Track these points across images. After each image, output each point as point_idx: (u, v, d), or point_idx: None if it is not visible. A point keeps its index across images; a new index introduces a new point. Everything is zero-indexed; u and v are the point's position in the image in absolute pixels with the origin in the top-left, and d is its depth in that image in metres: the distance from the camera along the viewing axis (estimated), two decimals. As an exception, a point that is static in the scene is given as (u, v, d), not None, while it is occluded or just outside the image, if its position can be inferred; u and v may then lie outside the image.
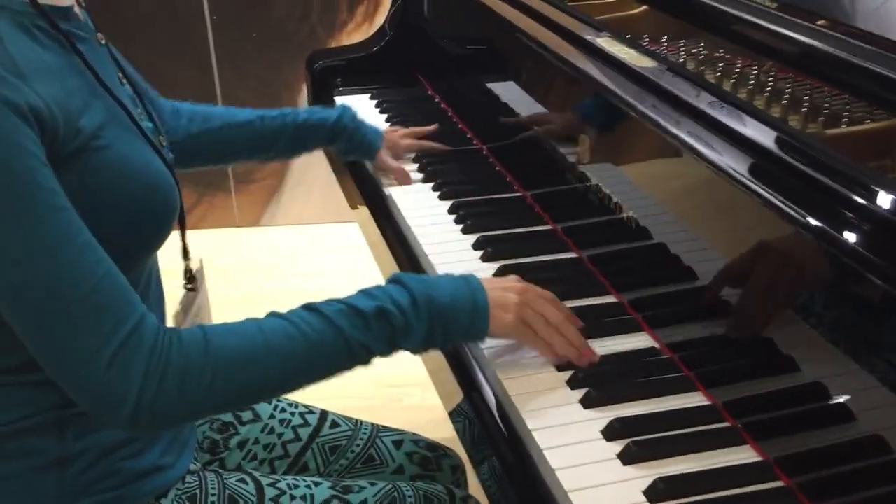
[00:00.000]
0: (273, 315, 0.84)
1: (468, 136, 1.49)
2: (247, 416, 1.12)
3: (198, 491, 0.95)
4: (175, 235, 0.98)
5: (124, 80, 0.94)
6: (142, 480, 0.91)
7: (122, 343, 0.75)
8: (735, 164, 0.86)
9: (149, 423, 0.78)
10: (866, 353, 0.74)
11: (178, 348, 0.78)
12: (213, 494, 0.95)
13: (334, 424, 1.15)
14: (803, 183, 0.80)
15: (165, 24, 2.72)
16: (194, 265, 1.10)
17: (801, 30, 0.99)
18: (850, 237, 0.72)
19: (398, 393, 2.23)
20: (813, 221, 0.75)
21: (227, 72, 2.80)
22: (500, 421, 0.88)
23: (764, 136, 0.88)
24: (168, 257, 1.03)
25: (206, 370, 0.78)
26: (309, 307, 0.85)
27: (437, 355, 1.03)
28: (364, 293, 0.87)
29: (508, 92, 1.44)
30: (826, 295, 0.79)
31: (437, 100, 1.66)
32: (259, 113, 1.29)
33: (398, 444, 1.16)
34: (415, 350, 0.88)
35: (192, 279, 1.08)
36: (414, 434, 1.19)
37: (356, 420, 1.18)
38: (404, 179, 1.37)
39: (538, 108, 1.33)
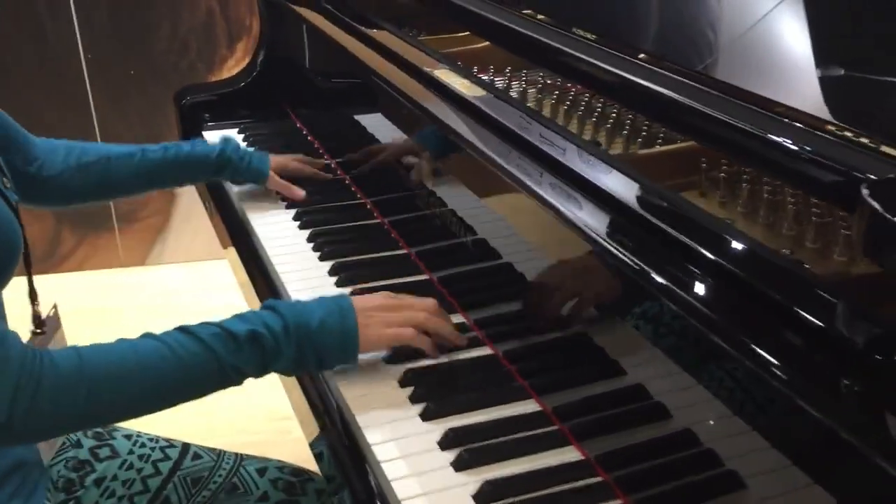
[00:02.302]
0: (147, 336, 0.88)
1: (332, 166, 1.52)
2: (104, 452, 1.11)
3: None
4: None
5: None
6: None
7: None
8: (555, 199, 0.89)
9: (22, 437, 0.84)
10: (687, 356, 0.80)
11: (49, 366, 0.81)
12: None
13: (196, 456, 1.15)
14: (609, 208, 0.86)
15: (38, 63, 2.67)
16: (45, 309, 1.09)
17: (618, 63, 1.06)
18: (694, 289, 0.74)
19: (288, 426, 2.23)
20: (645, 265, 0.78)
21: (105, 110, 2.77)
22: (345, 437, 0.90)
23: (578, 162, 0.94)
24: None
25: (80, 387, 0.81)
26: (184, 329, 0.88)
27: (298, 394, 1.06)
28: (238, 317, 0.91)
29: (375, 123, 1.48)
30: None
31: (304, 132, 1.69)
32: (140, 147, 1.32)
33: (262, 471, 1.17)
34: (287, 372, 0.94)
35: (40, 324, 1.06)
36: (279, 461, 1.20)
37: (219, 451, 1.18)
38: (294, 194, 1.41)
39: (399, 138, 1.37)
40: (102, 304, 2.72)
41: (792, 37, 1.01)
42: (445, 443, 0.85)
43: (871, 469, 0.56)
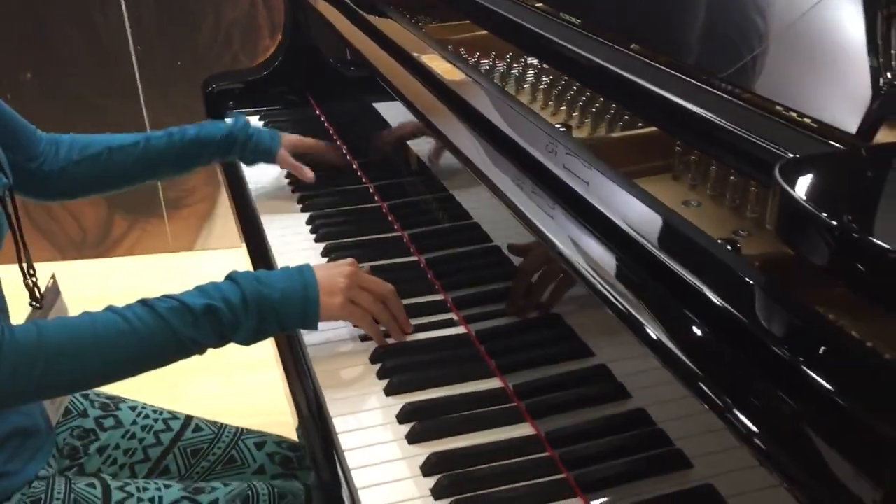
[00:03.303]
0: (109, 309, 0.92)
1: (343, 151, 1.56)
2: (108, 422, 1.17)
3: (43, 495, 0.99)
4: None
5: None
6: None
7: None
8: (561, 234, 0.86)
9: None
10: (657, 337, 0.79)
11: (9, 340, 0.85)
12: (57, 499, 0.99)
13: (197, 429, 1.21)
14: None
15: (92, 58, 2.78)
16: (43, 282, 1.14)
17: (603, 53, 1.06)
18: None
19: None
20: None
21: (154, 101, 2.86)
22: (316, 411, 0.94)
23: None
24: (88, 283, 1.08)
25: (37, 361, 0.86)
26: (144, 302, 0.92)
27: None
28: (199, 290, 0.95)
29: (392, 111, 1.51)
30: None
31: (322, 119, 1.73)
32: (145, 134, 1.32)
33: (260, 445, 1.21)
34: (247, 342, 0.96)
35: (35, 298, 1.12)
36: (278, 436, 1.25)
37: (220, 424, 1.23)
38: (304, 175, 1.41)
39: (410, 126, 1.39)
40: (151, 287, 2.80)
41: (850, 24, 0.98)
42: (403, 416, 0.88)
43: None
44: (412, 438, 0.85)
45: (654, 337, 0.71)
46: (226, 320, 0.92)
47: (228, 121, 1.39)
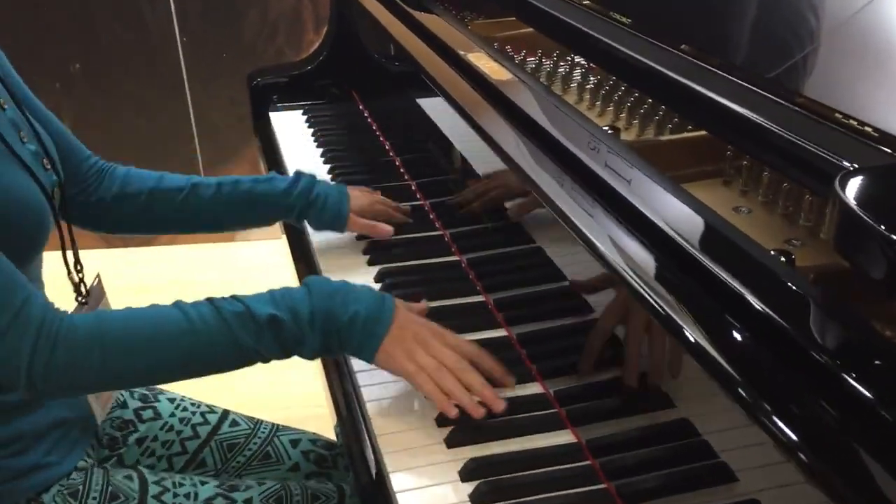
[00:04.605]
0: (176, 305, 0.89)
1: (386, 147, 1.55)
2: (147, 414, 1.18)
3: (81, 487, 1.00)
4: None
5: (6, 105, 1.00)
6: (22, 479, 0.96)
7: (11, 319, 0.82)
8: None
9: (43, 392, 0.86)
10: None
11: (68, 327, 0.85)
12: (95, 490, 1.00)
13: (234, 423, 1.21)
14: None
15: (138, 50, 2.82)
16: (89, 280, 1.14)
17: (651, 54, 1.03)
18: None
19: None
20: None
21: (199, 92, 2.89)
22: (357, 411, 0.93)
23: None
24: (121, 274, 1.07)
25: (94, 350, 0.85)
26: (212, 302, 0.89)
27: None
28: (269, 295, 0.90)
29: (435, 107, 1.50)
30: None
31: (365, 114, 1.72)
32: (193, 180, 1.19)
33: (295, 442, 1.21)
34: (312, 357, 0.92)
35: (81, 293, 1.11)
36: (313, 434, 1.25)
37: (257, 420, 1.23)
38: (381, 233, 1.23)
39: (454, 123, 1.38)
40: (194, 276, 2.87)
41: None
42: (442, 420, 0.87)
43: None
44: (451, 443, 0.84)
45: (693, 340, 0.69)
46: (289, 333, 0.87)
47: (289, 178, 1.22)
